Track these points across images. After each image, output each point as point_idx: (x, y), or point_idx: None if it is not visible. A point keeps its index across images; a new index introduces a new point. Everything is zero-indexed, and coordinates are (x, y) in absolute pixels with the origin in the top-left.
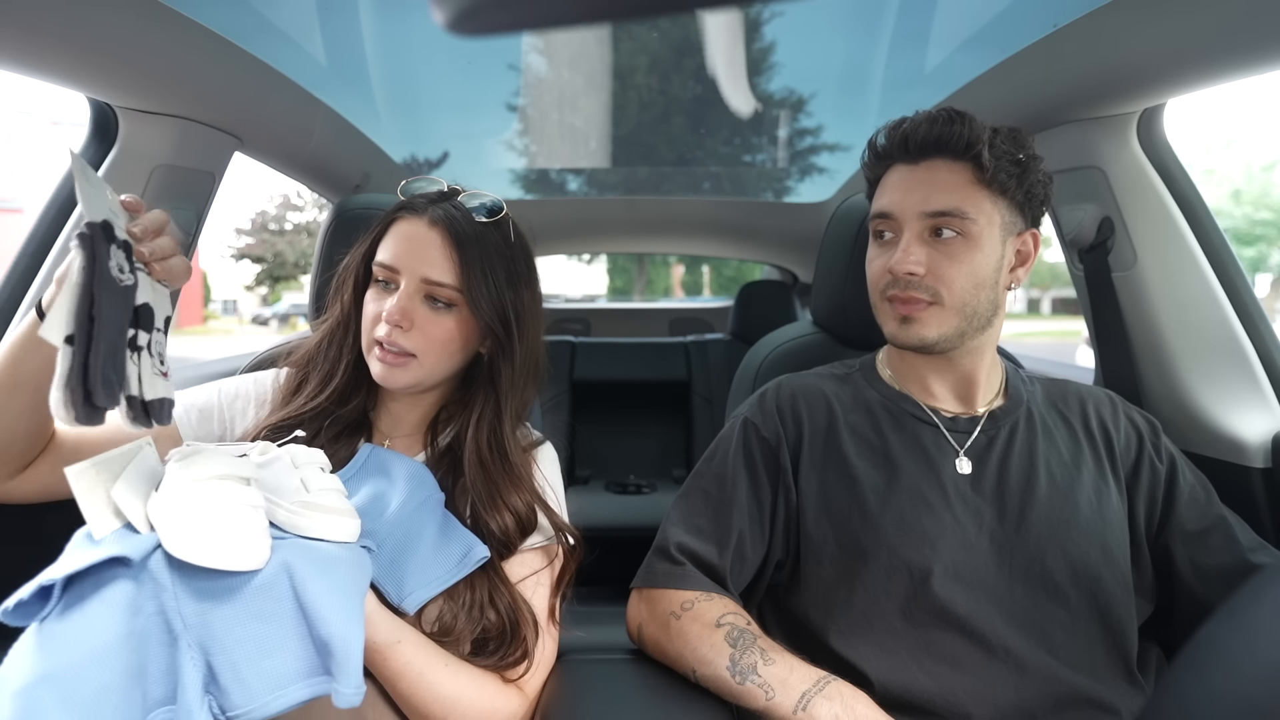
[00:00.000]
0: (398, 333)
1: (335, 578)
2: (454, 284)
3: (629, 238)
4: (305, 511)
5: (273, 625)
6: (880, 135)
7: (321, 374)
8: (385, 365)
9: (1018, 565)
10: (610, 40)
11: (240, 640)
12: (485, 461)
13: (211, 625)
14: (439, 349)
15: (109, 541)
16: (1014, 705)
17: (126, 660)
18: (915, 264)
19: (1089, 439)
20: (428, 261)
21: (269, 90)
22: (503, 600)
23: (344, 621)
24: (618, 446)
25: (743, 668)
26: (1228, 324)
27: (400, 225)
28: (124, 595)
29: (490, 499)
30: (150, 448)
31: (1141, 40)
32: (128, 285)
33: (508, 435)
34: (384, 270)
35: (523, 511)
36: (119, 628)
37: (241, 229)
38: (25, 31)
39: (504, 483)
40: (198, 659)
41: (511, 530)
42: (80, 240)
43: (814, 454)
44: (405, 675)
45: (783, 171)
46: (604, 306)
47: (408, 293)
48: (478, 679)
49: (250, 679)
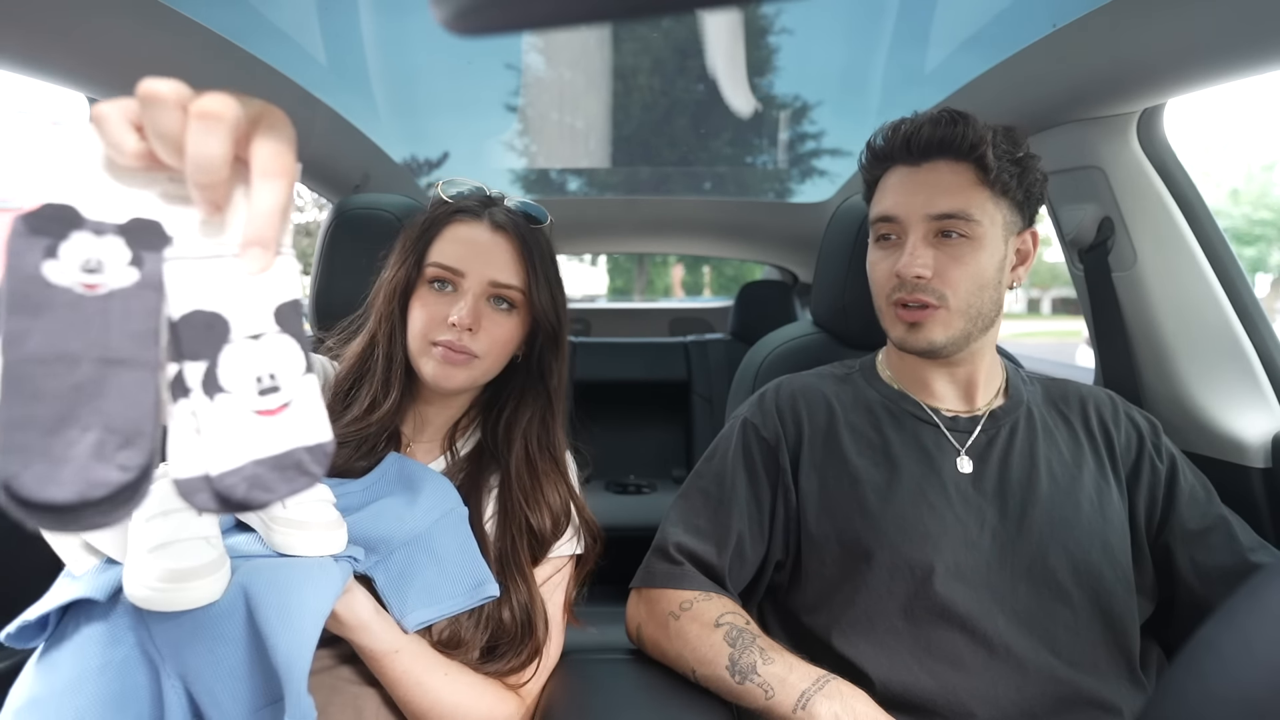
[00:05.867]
0: (467, 335)
1: (289, 601)
2: (520, 285)
3: (629, 238)
4: (280, 529)
5: (235, 648)
6: (879, 136)
7: (379, 383)
8: (445, 365)
9: (1019, 564)
10: (611, 41)
11: (211, 664)
12: (533, 459)
13: (182, 654)
14: (500, 350)
15: (86, 579)
16: (1015, 705)
17: (103, 689)
18: (923, 267)
19: (1089, 438)
20: (495, 264)
21: (269, 90)
22: (521, 599)
23: (289, 648)
24: (618, 446)
25: (742, 667)
26: (1228, 324)
27: (458, 228)
28: (100, 629)
29: (534, 496)
30: None
31: (1141, 40)
32: (99, 296)
33: (558, 433)
34: (445, 272)
35: (559, 509)
36: (95, 659)
37: None
38: (25, 31)
39: (547, 481)
40: (178, 687)
41: (548, 530)
42: None
43: (814, 454)
44: (403, 683)
45: (783, 172)
46: (604, 306)
47: (476, 295)
48: (478, 686)
49: (226, 703)
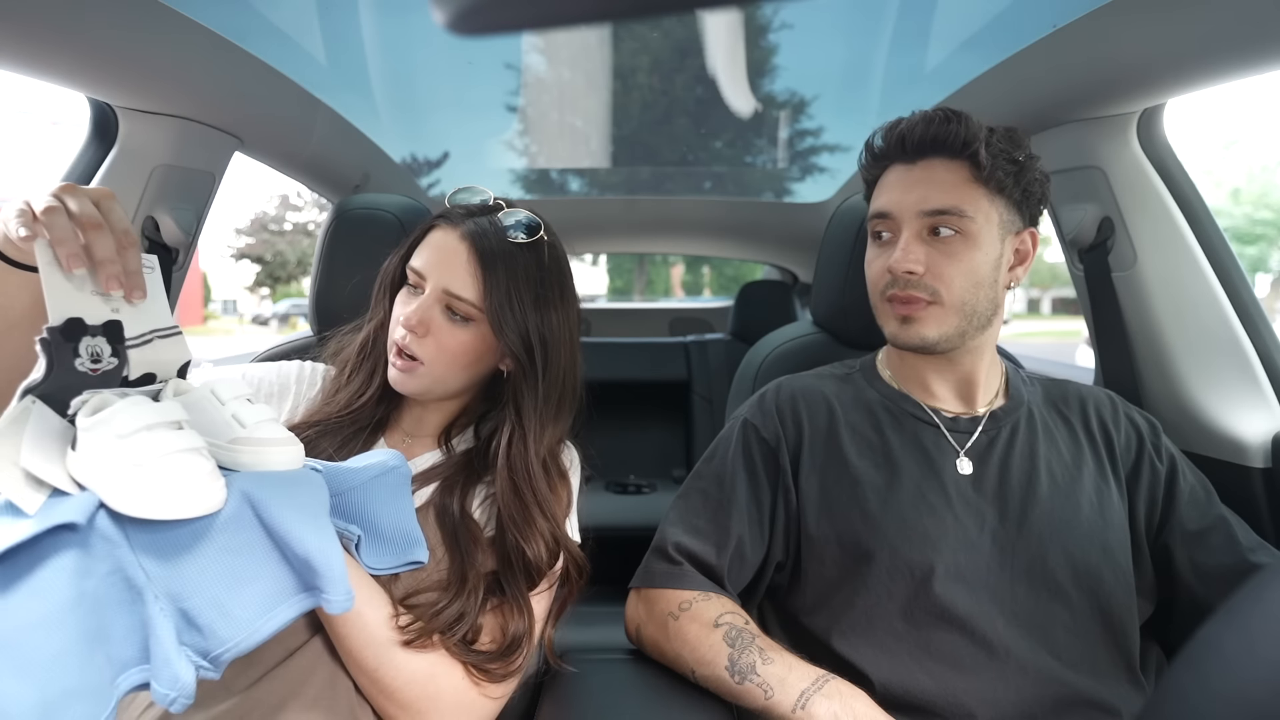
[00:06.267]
0: (412, 338)
1: (297, 498)
2: (474, 301)
3: (629, 238)
4: (244, 448)
5: (246, 556)
6: (877, 136)
7: (367, 371)
8: (397, 370)
9: (1019, 565)
10: (611, 40)
11: (217, 577)
12: (518, 486)
13: (182, 571)
14: (448, 359)
15: (44, 510)
16: (1015, 706)
17: (82, 623)
18: (914, 263)
19: (1089, 439)
20: (451, 273)
21: (269, 90)
22: (519, 625)
23: (316, 536)
24: (618, 446)
25: (741, 667)
26: (1228, 324)
27: (435, 234)
28: (71, 558)
29: (524, 524)
30: (38, 404)
31: (1141, 40)
32: (109, 370)
33: (533, 465)
34: (414, 275)
35: (548, 542)
36: (69, 590)
37: (241, 229)
38: (25, 31)
39: (533, 510)
40: (168, 609)
41: (543, 560)
42: (41, 345)
43: (814, 455)
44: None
45: (783, 172)
46: (604, 306)
47: (428, 301)
48: (421, 643)
49: (235, 609)
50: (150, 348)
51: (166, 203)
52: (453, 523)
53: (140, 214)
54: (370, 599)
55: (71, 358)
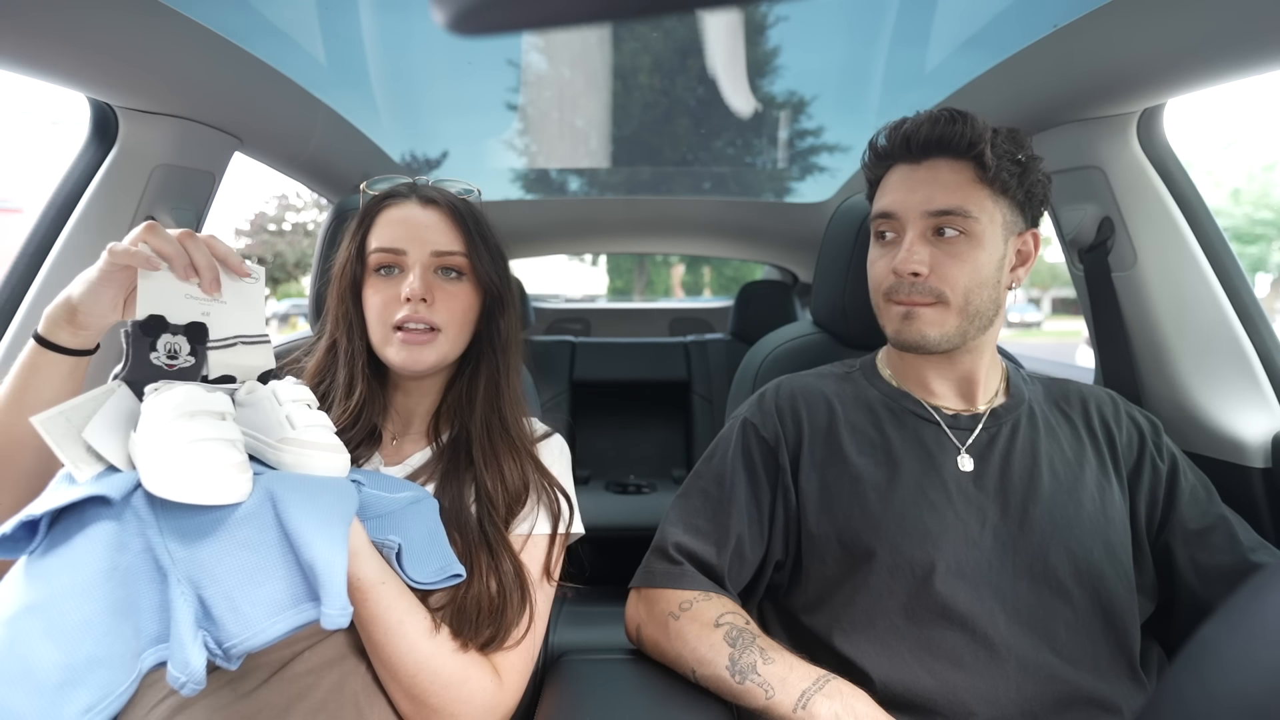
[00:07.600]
0: (423, 307)
1: (318, 504)
2: (462, 250)
3: (630, 238)
4: (290, 448)
5: (261, 554)
6: (881, 136)
7: (344, 382)
8: (409, 346)
9: (1020, 563)
10: (611, 40)
11: (231, 570)
12: (491, 426)
13: (200, 558)
14: (460, 319)
15: (91, 482)
16: (1016, 704)
17: (112, 594)
18: (919, 263)
19: (1091, 437)
20: (433, 235)
21: (269, 90)
22: (505, 570)
23: (326, 544)
24: (618, 446)
25: (742, 667)
26: (1228, 324)
27: (390, 212)
28: (108, 532)
29: (494, 461)
30: (121, 386)
31: (1141, 40)
32: (185, 367)
33: (508, 393)
34: (388, 255)
35: (519, 474)
36: (102, 562)
37: (241, 229)
38: (25, 31)
39: (503, 447)
40: (188, 594)
41: (511, 491)
42: (123, 336)
43: (814, 453)
44: (384, 620)
45: (783, 172)
46: (604, 306)
47: (423, 266)
48: (457, 647)
49: (245, 607)
50: (232, 351)
51: (167, 203)
52: (459, 517)
53: (140, 214)
54: (410, 609)
55: (148, 351)
